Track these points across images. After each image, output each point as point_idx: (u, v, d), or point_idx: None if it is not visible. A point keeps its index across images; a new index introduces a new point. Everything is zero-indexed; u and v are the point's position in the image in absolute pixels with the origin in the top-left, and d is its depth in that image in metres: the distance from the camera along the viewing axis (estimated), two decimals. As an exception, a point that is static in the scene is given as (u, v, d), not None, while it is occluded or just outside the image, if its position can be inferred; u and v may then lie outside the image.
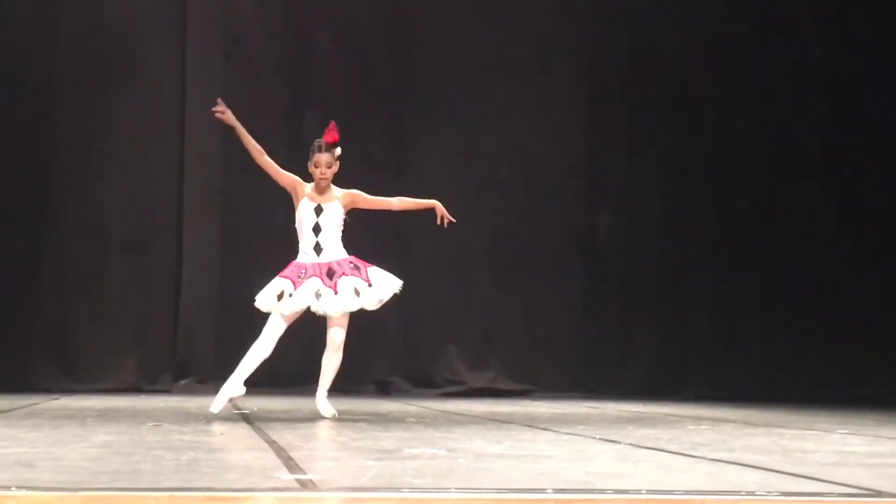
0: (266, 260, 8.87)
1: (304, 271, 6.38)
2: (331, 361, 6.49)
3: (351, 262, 6.42)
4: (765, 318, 10.44)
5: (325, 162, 6.42)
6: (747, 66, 10.62)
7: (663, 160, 10.63)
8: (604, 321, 10.52)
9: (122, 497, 2.95)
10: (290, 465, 3.75)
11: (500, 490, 3.18)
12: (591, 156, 10.64)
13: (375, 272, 6.43)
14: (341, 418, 6.47)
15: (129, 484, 3.19)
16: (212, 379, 10.00)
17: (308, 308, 6.35)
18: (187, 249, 10.10)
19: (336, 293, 6.31)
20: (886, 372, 10.13)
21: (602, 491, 3.18)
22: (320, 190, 6.46)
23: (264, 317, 6.48)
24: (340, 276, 6.34)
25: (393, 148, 10.39)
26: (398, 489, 3.13)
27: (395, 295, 6.44)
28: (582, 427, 5.98)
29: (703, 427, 6.16)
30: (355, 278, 6.35)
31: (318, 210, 6.44)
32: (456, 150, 10.38)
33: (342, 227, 6.50)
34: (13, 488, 2.98)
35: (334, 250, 6.43)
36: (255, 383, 9.91)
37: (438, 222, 6.61)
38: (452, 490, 3.12)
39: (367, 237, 10.21)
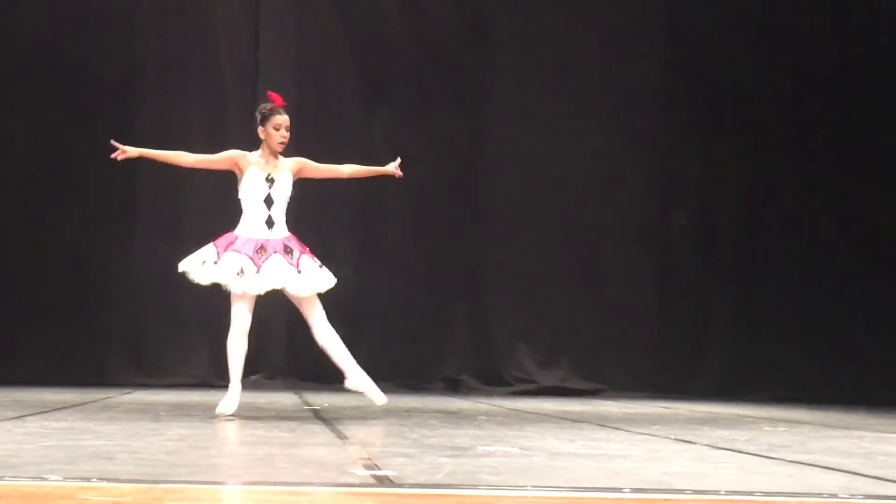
0: (338, 255, 8.93)
1: (261, 247, 5.96)
2: (332, 341, 6.08)
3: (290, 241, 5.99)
4: (840, 319, 10.25)
5: (286, 124, 5.94)
6: (828, 64, 10.44)
7: (738, 158, 10.49)
8: (676, 320, 10.41)
9: (202, 490, 2.95)
10: (365, 461, 3.74)
11: (576, 489, 3.14)
12: (665, 154, 10.54)
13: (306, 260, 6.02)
14: (412, 415, 6.46)
15: (207, 477, 3.20)
16: (281, 375, 10.07)
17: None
18: (259, 246, 10.13)
19: (299, 272, 5.95)
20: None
21: (681, 491, 3.14)
22: (271, 157, 5.96)
23: (334, 310, 6.36)
24: (300, 254, 5.97)
25: (467, 145, 10.36)
26: (475, 486, 3.11)
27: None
28: (655, 427, 5.91)
29: (780, 429, 6.07)
30: (306, 256, 5.99)
31: (270, 181, 5.96)
32: (530, 148, 10.33)
33: (288, 201, 6.04)
34: (94, 479, 3.00)
35: (283, 226, 6.00)
36: (325, 379, 10.08)
37: (398, 176, 6.21)
38: (529, 488, 3.09)
39: (438, 237, 10.27)
